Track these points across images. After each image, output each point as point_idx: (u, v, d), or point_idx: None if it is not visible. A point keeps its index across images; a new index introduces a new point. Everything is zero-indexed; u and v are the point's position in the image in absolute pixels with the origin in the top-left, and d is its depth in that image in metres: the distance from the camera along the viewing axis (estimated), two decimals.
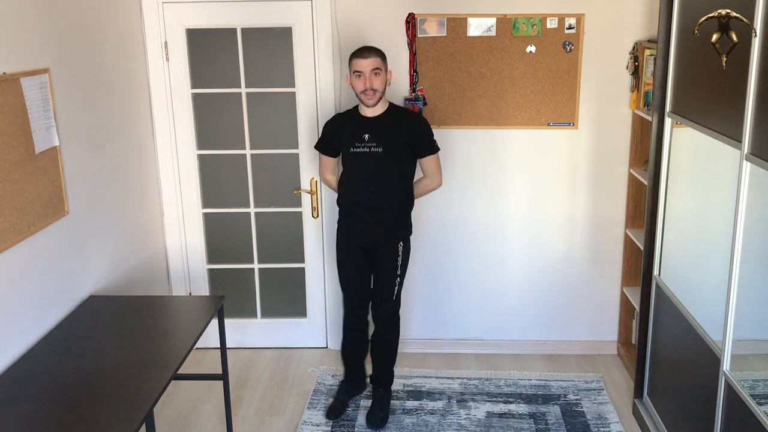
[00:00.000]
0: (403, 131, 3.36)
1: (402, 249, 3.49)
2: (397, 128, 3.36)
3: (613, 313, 4.25)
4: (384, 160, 3.34)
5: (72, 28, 3.12)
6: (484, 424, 3.56)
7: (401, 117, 3.41)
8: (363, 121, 3.37)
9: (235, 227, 4.25)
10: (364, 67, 3.24)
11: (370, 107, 3.33)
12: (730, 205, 2.55)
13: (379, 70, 3.26)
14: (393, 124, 3.36)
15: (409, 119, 3.43)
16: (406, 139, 3.36)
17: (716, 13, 2.44)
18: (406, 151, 3.39)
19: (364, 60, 3.24)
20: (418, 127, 3.41)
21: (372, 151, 3.33)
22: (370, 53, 3.26)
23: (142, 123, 3.88)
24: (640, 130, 3.90)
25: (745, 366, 2.58)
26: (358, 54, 3.27)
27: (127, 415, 2.25)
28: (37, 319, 2.81)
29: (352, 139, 3.37)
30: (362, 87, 3.27)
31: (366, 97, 3.28)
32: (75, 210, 3.12)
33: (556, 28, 3.82)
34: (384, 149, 3.33)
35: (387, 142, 3.33)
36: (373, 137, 3.33)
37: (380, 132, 3.34)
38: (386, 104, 3.39)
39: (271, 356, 4.30)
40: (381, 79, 3.27)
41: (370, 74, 3.24)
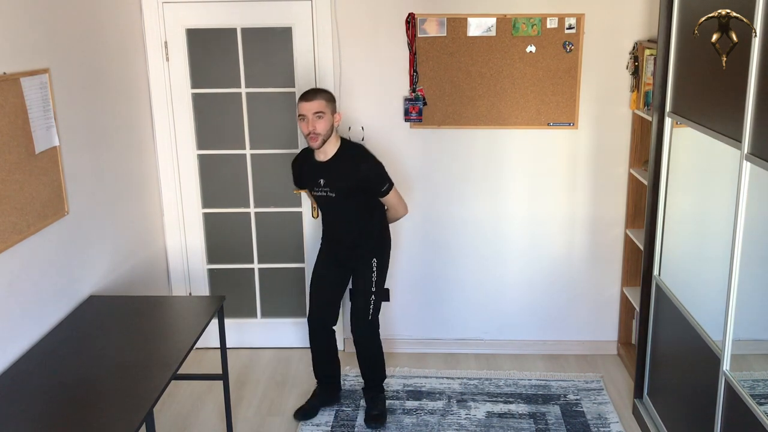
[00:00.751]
0: (352, 177, 3.32)
1: (377, 265, 3.49)
2: (346, 174, 3.31)
3: (613, 313, 4.25)
4: (339, 203, 3.39)
5: (72, 28, 3.12)
6: (484, 424, 3.56)
7: (349, 162, 3.32)
8: (317, 166, 3.36)
9: (235, 227, 4.25)
10: (307, 111, 3.19)
11: (317, 150, 3.31)
12: (730, 205, 2.55)
13: (323, 113, 3.20)
14: (342, 170, 3.32)
15: (356, 165, 3.32)
16: (356, 184, 3.33)
17: (716, 13, 2.44)
18: (362, 193, 3.37)
19: (307, 103, 3.19)
20: (365, 173, 3.33)
21: (328, 195, 3.37)
22: (315, 96, 3.21)
23: (142, 123, 3.88)
24: (640, 130, 3.90)
25: (745, 366, 2.58)
26: (303, 97, 3.22)
27: (127, 415, 2.25)
28: (37, 319, 2.81)
29: (311, 182, 3.42)
30: (306, 131, 3.23)
31: (310, 140, 3.25)
32: (75, 210, 3.12)
33: (556, 28, 3.82)
34: (337, 195, 3.35)
35: (339, 187, 3.33)
36: (326, 183, 3.34)
37: (331, 178, 3.33)
38: (337, 145, 3.33)
39: (271, 356, 4.30)
40: (324, 122, 3.21)
41: (312, 117, 3.19)
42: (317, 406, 3.69)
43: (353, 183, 3.32)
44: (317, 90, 3.27)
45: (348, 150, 3.36)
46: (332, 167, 3.32)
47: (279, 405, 3.78)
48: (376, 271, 3.49)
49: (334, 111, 3.28)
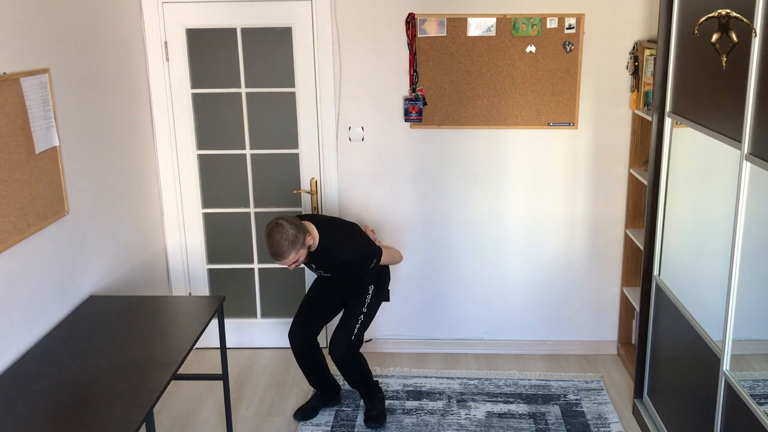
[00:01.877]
0: (339, 261, 3.34)
1: (373, 290, 3.51)
2: (333, 259, 3.34)
3: (613, 313, 4.25)
4: (335, 279, 3.53)
5: (72, 28, 3.12)
6: (484, 424, 3.56)
7: (330, 253, 3.31)
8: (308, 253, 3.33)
9: (235, 227, 4.25)
10: (283, 265, 3.21)
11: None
12: (730, 205, 2.55)
13: (297, 258, 3.16)
14: (328, 257, 3.33)
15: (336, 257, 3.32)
16: (345, 265, 3.36)
17: (716, 13, 2.44)
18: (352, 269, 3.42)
19: (280, 262, 3.16)
20: (348, 261, 3.34)
21: (323, 274, 3.49)
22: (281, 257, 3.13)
23: (142, 123, 3.88)
24: (640, 130, 3.90)
25: (745, 366, 2.58)
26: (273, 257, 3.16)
27: (127, 415, 2.25)
28: (37, 318, 2.81)
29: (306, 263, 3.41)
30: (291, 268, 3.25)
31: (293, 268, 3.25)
32: (75, 210, 3.12)
33: (556, 28, 3.82)
34: (331, 274, 3.48)
35: (330, 270, 3.43)
36: (318, 267, 3.42)
37: (322, 263, 3.38)
38: (316, 240, 3.27)
39: (271, 356, 4.30)
40: (301, 259, 3.19)
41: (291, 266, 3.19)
42: (317, 406, 3.69)
43: (341, 267, 3.39)
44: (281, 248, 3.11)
45: (327, 244, 3.30)
46: (318, 256, 3.33)
47: (279, 405, 3.78)
48: (371, 294, 3.50)
49: (303, 243, 3.16)
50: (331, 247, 3.31)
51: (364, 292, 3.50)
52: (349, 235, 3.40)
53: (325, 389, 3.71)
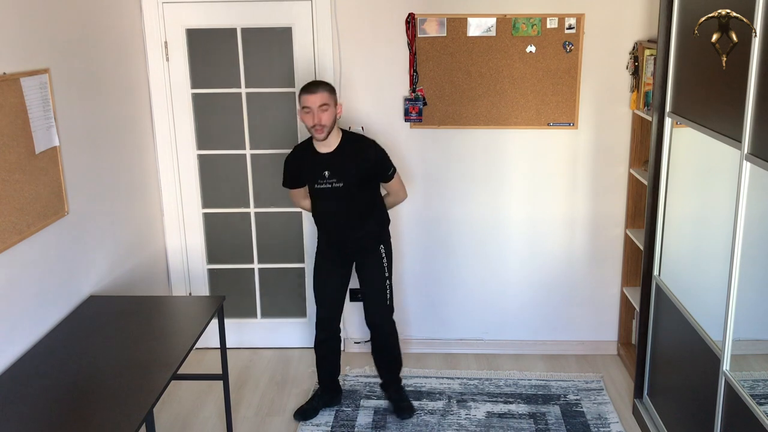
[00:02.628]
0: (360, 163, 3.35)
1: (385, 250, 3.52)
2: (353, 161, 3.34)
3: (613, 313, 4.25)
4: (347, 192, 3.38)
5: (72, 28, 3.12)
6: (484, 424, 3.56)
7: (355, 149, 3.37)
8: (320, 159, 3.36)
9: (235, 227, 4.25)
10: (312, 103, 3.20)
11: (321, 141, 3.31)
12: (730, 205, 2.55)
13: (327, 105, 3.22)
14: (348, 158, 3.34)
15: (362, 151, 3.37)
16: (364, 170, 3.37)
17: (716, 13, 2.44)
18: (368, 180, 3.41)
19: (311, 95, 3.20)
20: (375, 158, 3.39)
21: (334, 186, 3.36)
22: (318, 88, 3.22)
23: (142, 123, 3.88)
24: (640, 130, 3.90)
25: (745, 366, 2.58)
26: (306, 89, 3.23)
27: (127, 415, 2.25)
28: (37, 319, 2.81)
29: (313, 177, 3.39)
30: (311, 123, 3.24)
31: (316, 132, 3.26)
32: (75, 210, 3.12)
33: (556, 28, 3.82)
34: (345, 184, 3.35)
35: (346, 177, 3.34)
36: (333, 173, 3.34)
37: (337, 167, 3.34)
38: (339, 135, 3.36)
39: (271, 356, 4.30)
40: (329, 114, 3.23)
41: (317, 110, 3.21)
42: (318, 407, 3.69)
43: (362, 170, 3.35)
44: (319, 82, 3.28)
45: (351, 139, 3.40)
46: (338, 157, 3.34)
47: (279, 405, 3.79)
48: (385, 256, 3.51)
49: (336, 102, 3.30)
50: (359, 143, 3.40)
51: (378, 256, 3.48)
52: (370, 139, 3.47)
53: (329, 388, 3.72)
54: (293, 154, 3.53)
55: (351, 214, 3.44)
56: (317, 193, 3.43)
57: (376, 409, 3.70)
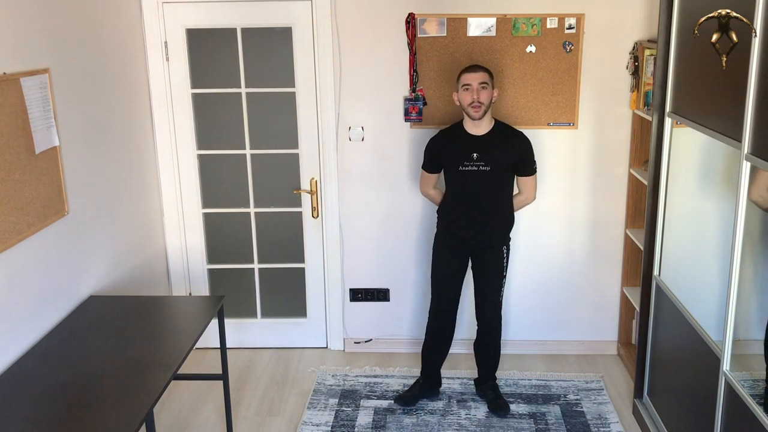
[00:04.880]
0: (510, 151, 3.45)
1: (506, 252, 3.59)
2: (504, 148, 3.44)
3: (613, 313, 4.25)
4: (490, 179, 3.44)
5: (72, 28, 3.12)
6: (484, 424, 3.56)
7: (507, 136, 3.48)
8: (471, 140, 3.44)
9: (235, 227, 4.25)
10: (472, 80, 3.34)
11: (476, 120, 3.39)
12: (730, 205, 2.55)
13: (486, 84, 3.36)
14: (500, 144, 3.44)
15: (515, 139, 3.49)
16: (512, 158, 3.46)
17: (716, 13, 2.44)
18: (511, 170, 3.50)
19: (473, 74, 3.36)
20: (524, 148, 3.50)
21: (480, 169, 3.42)
22: (479, 68, 3.39)
23: (142, 123, 3.88)
24: (640, 130, 3.90)
25: (745, 366, 2.58)
26: (468, 69, 3.40)
27: (127, 415, 2.25)
28: (37, 319, 2.81)
29: (460, 158, 3.44)
30: (469, 99, 3.35)
31: (473, 110, 3.36)
32: (75, 210, 3.12)
33: (556, 28, 3.82)
34: (491, 168, 3.42)
35: (494, 161, 3.42)
36: (482, 156, 3.41)
37: (488, 151, 3.42)
38: (492, 122, 3.47)
39: (271, 356, 4.30)
40: (487, 93, 3.36)
41: (477, 87, 3.34)
42: (418, 395, 3.74)
43: (510, 157, 3.44)
44: (480, 65, 3.44)
45: (503, 127, 3.51)
46: (489, 141, 3.42)
47: (279, 405, 3.79)
48: (506, 257, 3.58)
49: (494, 86, 3.43)
50: (511, 131, 3.51)
51: (500, 256, 3.54)
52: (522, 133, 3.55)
53: (430, 376, 3.78)
54: (439, 135, 3.58)
55: (485, 204, 3.48)
56: (459, 176, 3.46)
57: (376, 409, 3.69)
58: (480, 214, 3.49)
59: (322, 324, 4.35)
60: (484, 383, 3.76)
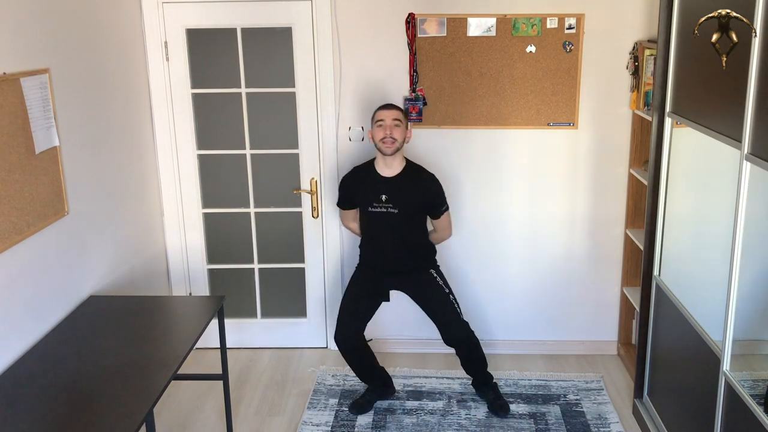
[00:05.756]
0: (418, 194, 3.48)
1: (436, 273, 3.60)
2: (413, 190, 3.46)
3: (613, 313, 4.25)
4: (399, 220, 3.47)
5: (72, 28, 3.12)
6: (484, 424, 3.56)
7: (416, 178, 3.51)
8: (381, 181, 3.47)
9: (235, 227, 4.25)
10: (386, 117, 3.40)
11: (388, 156, 3.42)
12: (730, 205, 2.55)
13: (400, 122, 3.41)
14: (409, 186, 3.46)
15: (423, 181, 3.52)
16: (420, 201, 3.49)
17: (716, 13, 2.44)
18: (421, 211, 3.52)
19: (387, 111, 3.43)
20: (434, 190, 3.53)
21: (389, 211, 3.45)
22: (394, 107, 3.47)
23: (142, 123, 3.88)
24: (640, 130, 3.90)
25: (745, 366, 2.58)
26: (383, 107, 3.48)
27: (127, 415, 2.25)
28: (37, 319, 2.81)
29: (369, 199, 3.48)
30: (382, 135, 3.40)
31: (384, 146, 3.39)
32: (75, 210, 3.12)
33: (556, 28, 3.82)
34: (399, 211, 3.45)
35: (403, 204, 3.44)
36: (390, 198, 3.43)
37: (396, 194, 3.44)
38: (403, 163, 3.51)
39: (271, 356, 4.30)
40: (400, 131, 3.41)
41: (390, 123, 3.39)
42: (372, 400, 3.72)
43: (419, 200, 3.47)
44: (395, 105, 3.52)
45: (413, 168, 3.55)
46: (398, 183, 3.45)
47: (279, 405, 3.79)
48: (438, 276, 3.60)
49: (407, 126, 3.49)
50: (421, 173, 3.54)
51: (430, 278, 3.55)
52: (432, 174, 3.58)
53: (377, 383, 3.74)
54: (352, 174, 3.63)
55: (399, 243, 3.52)
56: (369, 216, 3.52)
57: (376, 409, 3.69)
58: (394, 251, 3.54)
59: (322, 324, 4.35)
60: (483, 385, 3.76)
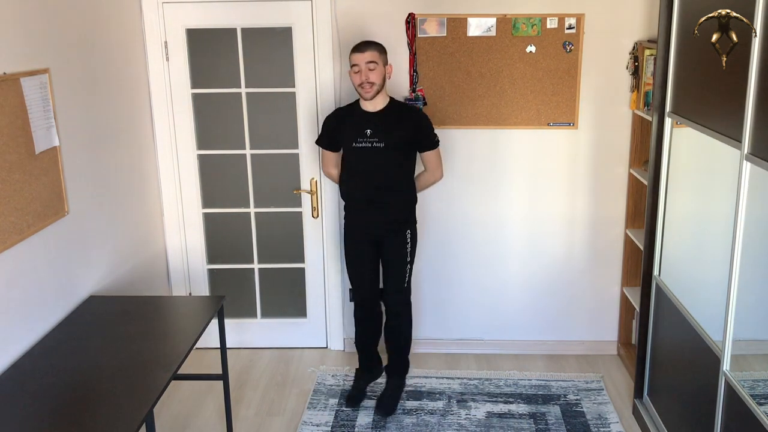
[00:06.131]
0: (404, 126, 3.39)
1: (410, 237, 3.54)
2: (398, 123, 3.38)
3: (613, 313, 4.25)
4: (385, 155, 3.38)
5: (72, 28, 3.12)
6: (484, 424, 3.56)
7: (402, 112, 3.43)
8: (364, 116, 3.40)
9: (235, 227, 4.25)
10: (360, 61, 3.28)
11: (369, 101, 3.36)
12: (730, 205, 2.55)
13: (375, 63, 3.29)
14: (394, 120, 3.39)
15: (409, 114, 3.44)
16: (407, 134, 3.40)
17: (716, 13, 2.44)
18: (408, 146, 3.43)
19: (360, 54, 3.29)
20: (418, 122, 3.44)
21: (374, 146, 3.36)
22: (367, 47, 3.31)
23: (142, 123, 3.88)
24: (640, 130, 3.90)
25: (745, 366, 2.58)
26: (356, 48, 3.33)
27: (127, 415, 2.25)
28: (37, 319, 2.81)
29: (353, 134, 3.40)
30: (359, 80, 3.31)
31: (363, 91, 3.32)
32: (75, 210, 3.12)
33: (556, 28, 3.82)
34: (385, 144, 3.36)
35: (388, 137, 3.36)
36: (375, 132, 3.36)
37: (381, 127, 3.36)
38: (387, 99, 3.43)
39: (271, 356, 4.30)
40: (378, 72, 3.30)
41: (365, 67, 3.28)
42: (364, 388, 3.73)
43: (405, 133, 3.37)
44: (370, 42, 3.35)
45: (398, 104, 3.47)
46: (383, 117, 3.37)
47: (279, 405, 3.78)
48: (410, 241, 3.54)
49: (385, 62, 3.36)
50: (407, 107, 3.46)
51: (403, 240, 3.50)
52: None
53: (372, 357, 3.76)
54: (335, 112, 3.56)
55: (383, 183, 3.43)
56: (354, 153, 3.41)
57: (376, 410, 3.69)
58: (376, 192, 3.44)
59: (322, 324, 4.35)
60: (395, 373, 3.71)
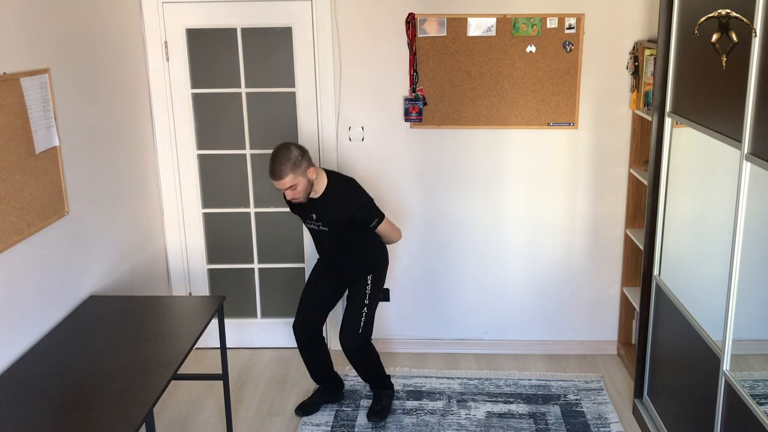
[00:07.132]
0: (342, 210, 3.34)
1: (371, 280, 3.51)
2: (337, 208, 3.34)
3: (613, 313, 4.25)
4: (331, 236, 3.43)
5: (72, 28, 3.12)
6: (484, 424, 3.56)
7: (338, 198, 3.34)
8: (309, 201, 3.36)
9: (235, 227, 4.25)
10: (279, 187, 3.20)
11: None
12: (730, 205, 2.55)
13: (294, 184, 3.17)
14: (332, 205, 3.34)
15: (344, 202, 3.33)
16: (346, 217, 3.34)
17: (716, 13, 2.44)
18: (352, 224, 3.38)
19: (276, 182, 3.18)
20: (353, 212, 3.33)
21: (320, 229, 3.42)
22: (279, 174, 3.14)
23: (142, 123, 3.88)
24: (640, 130, 3.90)
25: (745, 366, 2.58)
26: (270, 174, 3.18)
27: (127, 415, 2.25)
28: (37, 319, 2.81)
29: (304, 216, 3.45)
30: (287, 199, 3.34)
31: (294, 203, 3.37)
32: (75, 210, 3.12)
33: (556, 28, 3.82)
34: (329, 228, 3.39)
35: (330, 222, 3.37)
36: (319, 217, 3.39)
37: (323, 213, 3.37)
38: (324, 182, 3.33)
39: (271, 356, 4.30)
40: (300, 188, 3.20)
41: (287, 191, 3.22)
42: (319, 402, 3.69)
43: (344, 217, 3.35)
44: (279, 166, 3.14)
45: (336, 187, 3.35)
46: (322, 203, 3.36)
47: (279, 405, 3.79)
48: (370, 285, 3.51)
49: (305, 171, 3.20)
50: (340, 195, 3.34)
51: (363, 283, 3.49)
52: (357, 189, 3.40)
53: (327, 385, 3.72)
54: None
55: (339, 251, 3.50)
56: (309, 229, 3.52)
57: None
58: (336, 259, 3.53)
59: None
60: (376, 388, 3.68)
